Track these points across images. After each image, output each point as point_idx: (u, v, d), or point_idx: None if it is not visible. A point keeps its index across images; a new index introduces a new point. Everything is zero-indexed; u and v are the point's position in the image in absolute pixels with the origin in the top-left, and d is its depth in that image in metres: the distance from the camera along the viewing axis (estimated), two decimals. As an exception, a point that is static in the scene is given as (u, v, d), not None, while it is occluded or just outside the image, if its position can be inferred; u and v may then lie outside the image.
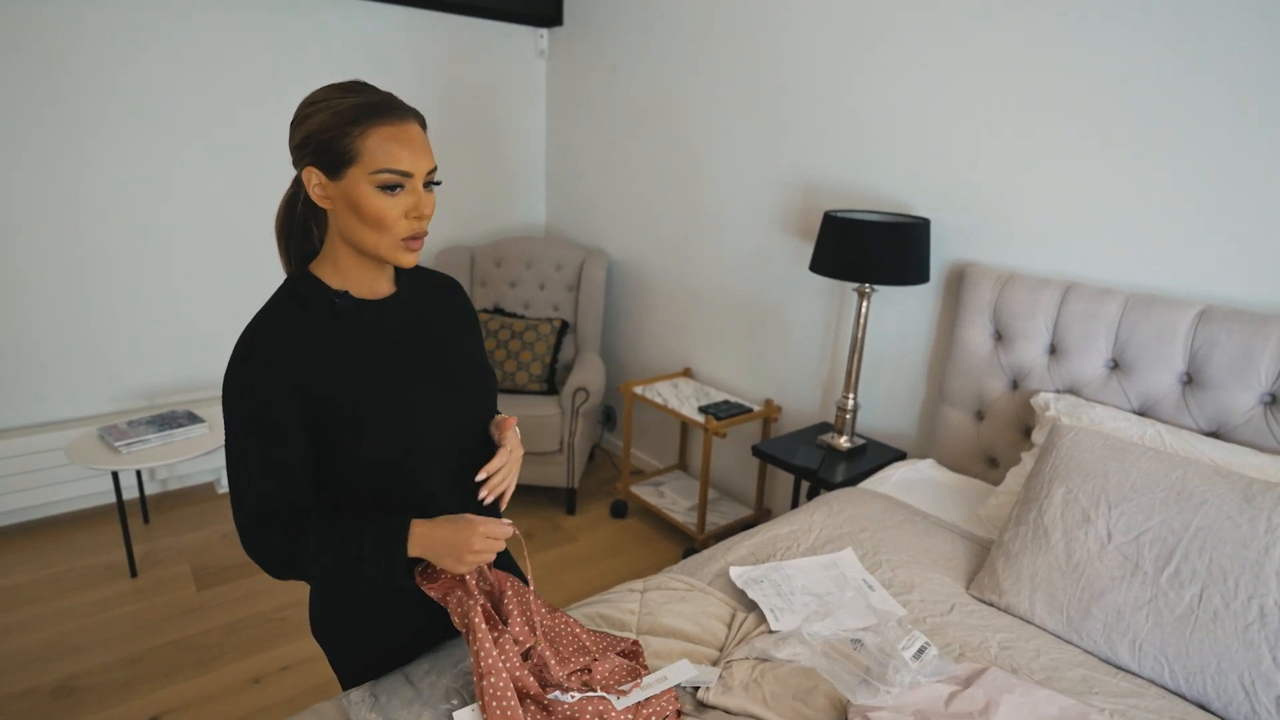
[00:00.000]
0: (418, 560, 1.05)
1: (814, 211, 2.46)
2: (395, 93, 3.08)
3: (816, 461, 2.15)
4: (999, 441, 1.97)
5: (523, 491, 3.10)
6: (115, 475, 2.36)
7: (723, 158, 2.76)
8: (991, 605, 1.47)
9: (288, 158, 2.84)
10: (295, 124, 0.99)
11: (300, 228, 1.08)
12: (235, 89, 2.78)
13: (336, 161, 0.96)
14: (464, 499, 1.10)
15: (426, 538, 0.98)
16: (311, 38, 2.90)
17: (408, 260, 1.00)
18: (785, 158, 2.53)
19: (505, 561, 1.27)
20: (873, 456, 2.21)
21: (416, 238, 0.99)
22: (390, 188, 0.96)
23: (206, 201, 2.82)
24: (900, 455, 2.23)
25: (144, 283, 2.76)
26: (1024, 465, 1.78)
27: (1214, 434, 1.62)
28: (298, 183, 1.05)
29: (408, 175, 0.96)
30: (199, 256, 2.84)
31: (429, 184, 0.99)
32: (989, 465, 2.02)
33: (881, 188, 2.25)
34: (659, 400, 2.73)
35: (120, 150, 2.62)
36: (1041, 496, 1.50)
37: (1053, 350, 1.87)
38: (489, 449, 1.18)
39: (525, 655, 1.07)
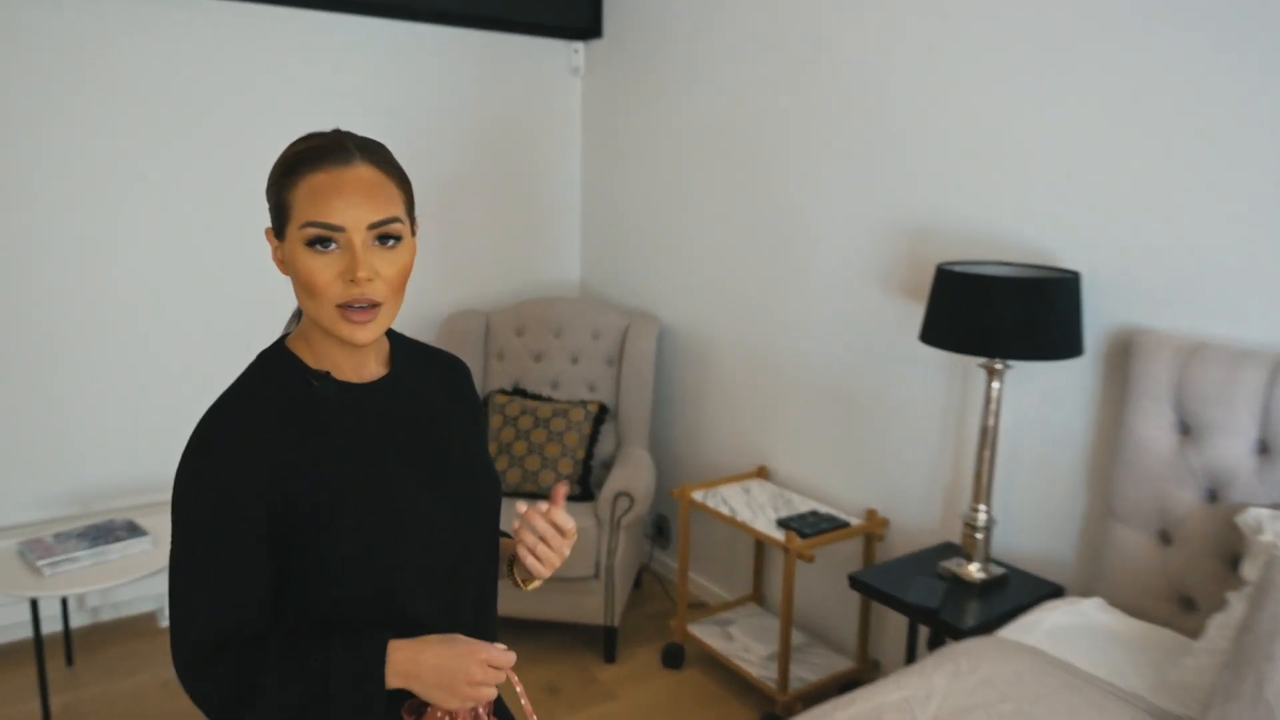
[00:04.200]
0: (403, 692, 1.05)
1: (924, 264, 2.44)
2: (395, 121, 3.26)
3: (938, 599, 2.06)
4: (1194, 575, 1.86)
5: (546, 630, 3.04)
6: (34, 604, 2.40)
7: (806, 197, 2.77)
8: (1195, 818, 1.33)
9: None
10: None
11: None
12: (210, 129, 2.95)
13: (278, 219, 1.04)
14: (458, 629, 1.10)
15: (411, 663, 1.00)
16: (300, 65, 3.08)
17: (353, 336, 1.03)
18: (886, 195, 2.52)
19: (499, 709, 1.24)
20: (1016, 592, 2.12)
21: (358, 308, 1.02)
22: (318, 243, 1.00)
23: (162, 276, 2.95)
24: (1056, 590, 2.14)
25: (82, 363, 2.88)
26: (1232, 611, 1.65)
27: None
28: None
29: (337, 229, 1.00)
30: (153, 332, 2.96)
31: (387, 238, 1.03)
32: (1182, 608, 1.90)
33: (1013, 232, 2.21)
34: (725, 510, 2.67)
35: (54, 199, 2.79)
36: (1260, 660, 1.38)
37: (1263, 448, 1.77)
38: (491, 569, 1.17)
39: None
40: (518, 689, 1.08)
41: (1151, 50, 1.94)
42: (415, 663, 1.00)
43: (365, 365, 1.11)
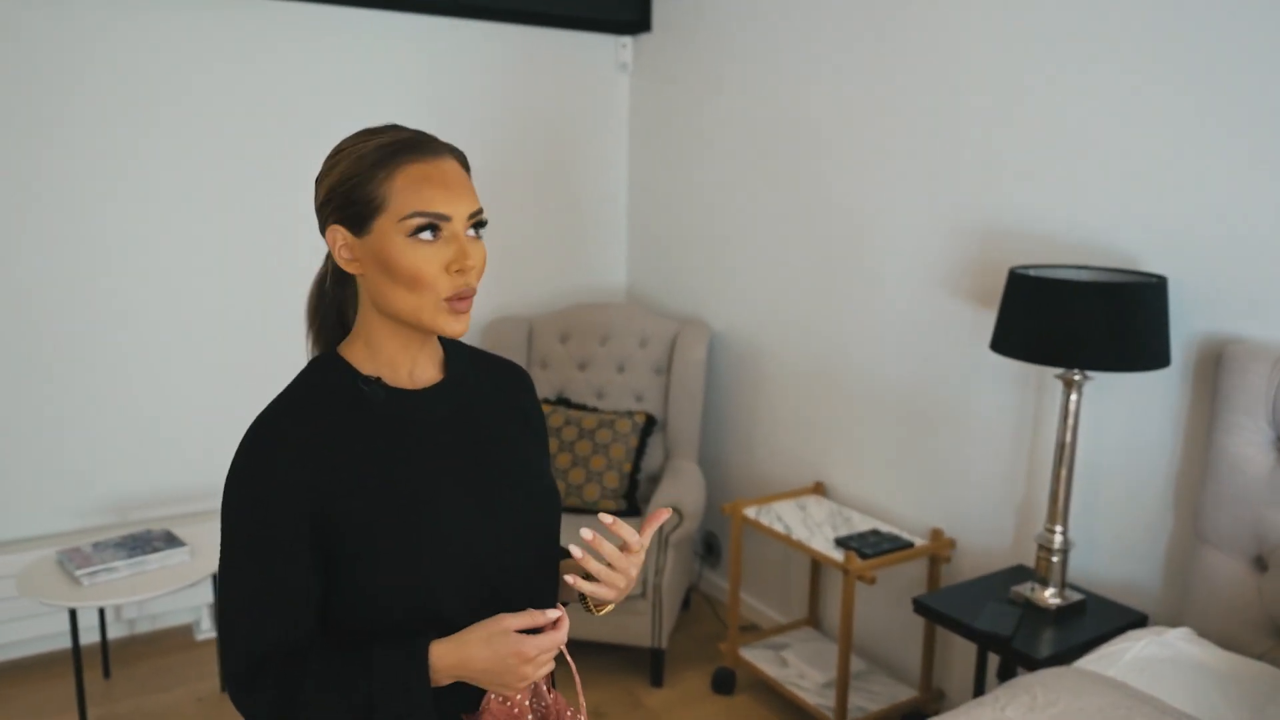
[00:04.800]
0: (463, 692, 1.07)
1: (996, 267, 2.41)
2: (434, 119, 3.30)
3: (1010, 625, 2.04)
4: (1293, 605, 1.80)
5: (591, 651, 3.05)
6: (73, 614, 2.48)
7: (868, 196, 2.76)
8: None
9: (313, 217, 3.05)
10: (319, 180, 1.11)
11: (332, 310, 1.18)
12: (247, 130, 3.04)
13: (361, 213, 1.06)
14: None
15: (457, 658, 1.02)
16: (331, 63, 3.15)
17: (454, 327, 1.07)
18: (955, 194, 2.51)
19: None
20: (1095, 620, 2.09)
21: (462, 297, 1.06)
22: (425, 231, 1.04)
23: (205, 272, 3.04)
24: (1139, 619, 2.10)
25: (120, 369, 2.97)
26: (1336, 645, 1.60)
27: None
28: (329, 258, 1.16)
29: (444, 218, 1.05)
30: (191, 339, 3.05)
31: (477, 225, 1.09)
32: None
33: (1092, 232, 2.18)
34: (780, 528, 2.67)
35: (96, 206, 2.88)
36: (1369, 698, 1.33)
37: (1371, 469, 1.71)
38: (546, 591, 1.19)
39: None
40: (573, 674, 1.09)
41: (1244, 39, 1.90)
42: (463, 658, 1.02)
43: (423, 369, 1.14)
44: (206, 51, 2.95)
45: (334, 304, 1.18)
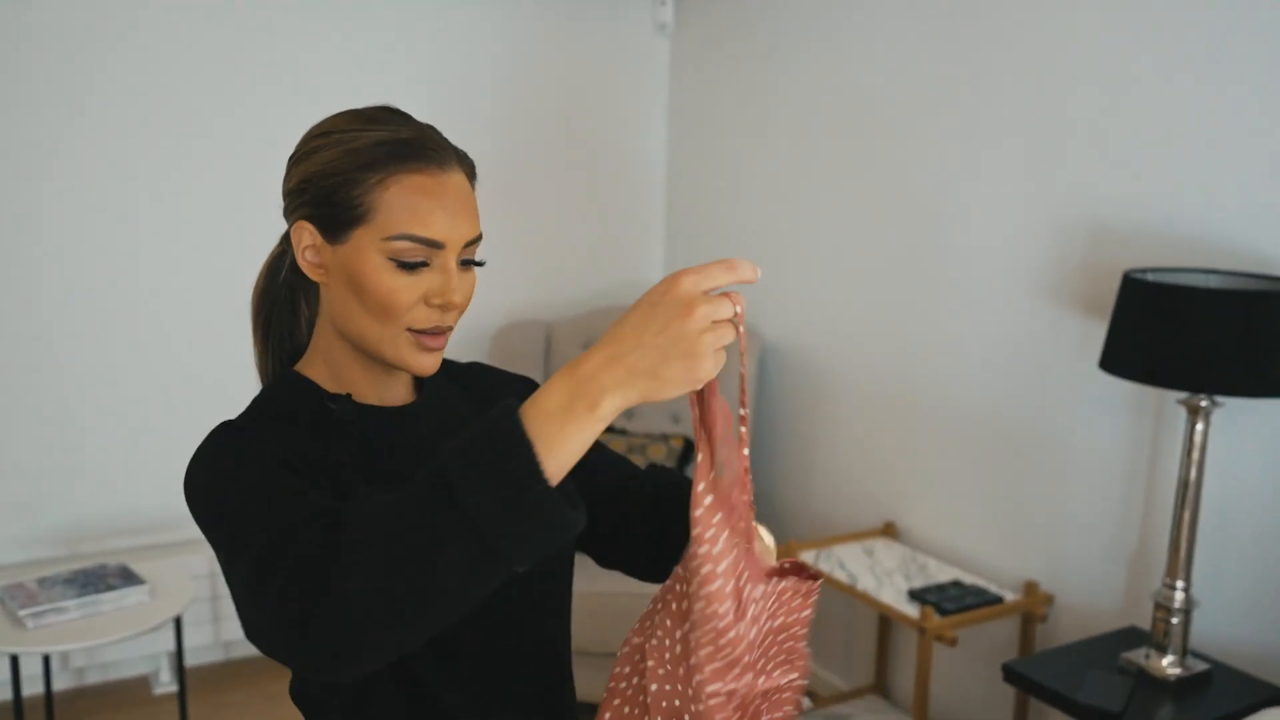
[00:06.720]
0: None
1: (1107, 271, 2.40)
2: (443, 91, 3.33)
3: (1120, 699, 2.03)
4: None
5: None
6: (14, 661, 2.51)
7: (954, 186, 2.77)
8: None
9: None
10: (294, 160, 1.10)
11: (285, 303, 1.19)
12: (216, 108, 3.10)
13: (339, 217, 1.04)
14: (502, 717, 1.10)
15: (573, 377, 0.79)
16: (325, 22, 3.20)
17: (421, 365, 1.07)
18: (1059, 185, 2.50)
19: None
20: (1223, 695, 2.07)
21: (437, 333, 1.05)
22: (410, 264, 1.03)
23: (164, 275, 3.10)
24: (1276, 695, 2.07)
25: (73, 381, 3.03)
26: None
27: None
28: (287, 241, 1.15)
29: (437, 246, 1.03)
30: (150, 348, 3.10)
31: (467, 261, 1.07)
32: None
33: (1223, 231, 2.17)
34: (842, 576, 2.67)
35: (45, 193, 2.95)
36: None
37: None
38: (555, 657, 1.18)
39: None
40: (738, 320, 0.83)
41: None
42: (588, 372, 0.79)
43: (393, 389, 1.15)
44: (217, 32, 3.03)
45: (288, 297, 1.18)
